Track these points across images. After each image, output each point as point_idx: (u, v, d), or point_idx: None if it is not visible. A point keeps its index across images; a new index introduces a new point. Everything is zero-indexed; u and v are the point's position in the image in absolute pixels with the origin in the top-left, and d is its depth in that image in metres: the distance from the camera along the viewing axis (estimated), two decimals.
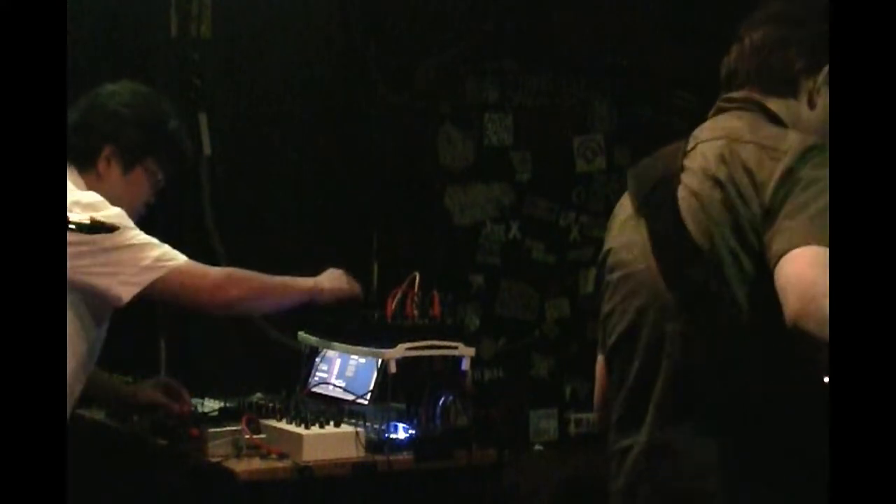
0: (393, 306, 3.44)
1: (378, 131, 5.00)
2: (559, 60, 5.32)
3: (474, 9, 5.16)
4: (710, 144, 2.26)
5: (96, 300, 3.15)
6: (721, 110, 2.35)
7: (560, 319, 5.38)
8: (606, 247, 2.41)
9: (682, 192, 2.23)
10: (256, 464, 3.24)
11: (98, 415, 3.70)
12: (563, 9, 5.28)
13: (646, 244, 2.26)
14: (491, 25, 5.20)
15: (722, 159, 2.20)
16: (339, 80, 4.93)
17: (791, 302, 1.98)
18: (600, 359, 2.45)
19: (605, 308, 2.38)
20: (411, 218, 5.08)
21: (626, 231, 2.34)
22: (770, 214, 2.09)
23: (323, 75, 4.89)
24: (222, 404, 3.63)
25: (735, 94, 2.33)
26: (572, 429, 5.39)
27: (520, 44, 5.25)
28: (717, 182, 2.18)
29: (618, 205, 2.46)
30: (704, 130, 2.34)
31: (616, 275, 2.34)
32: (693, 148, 2.30)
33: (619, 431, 2.31)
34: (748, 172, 2.14)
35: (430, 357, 3.39)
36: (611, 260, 2.37)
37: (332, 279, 3.38)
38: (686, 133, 2.37)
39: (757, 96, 2.30)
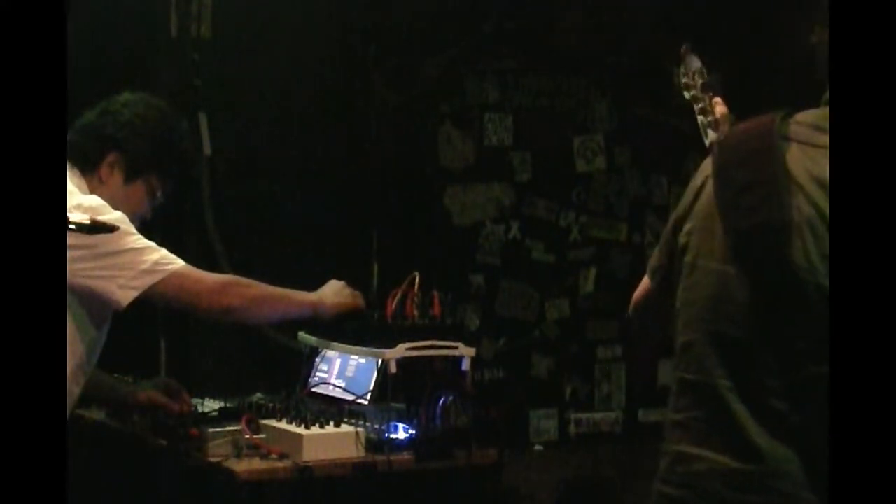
0: (393, 306, 3.44)
1: (378, 131, 5.00)
2: (559, 60, 5.33)
3: (474, 9, 5.17)
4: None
5: (95, 303, 3.15)
6: None
7: (560, 319, 5.38)
8: (684, 210, 2.15)
9: (803, 206, 1.96)
10: (256, 464, 3.24)
11: (98, 415, 3.70)
12: (563, 9, 5.29)
13: (725, 248, 2.03)
14: (491, 25, 5.20)
15: None
16: (339, 80, 4.93)
17: None
18: (646, 279, 2.27)
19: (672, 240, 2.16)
20: (411, 218, 5.08)
21: (708, 217, 2.08)
22: None
23: (323, 75, 4.90)
24: (222, 404, 3.62)
25: None
26: (572, 429, 5.40)
27: (520, 44, 5.26)
28: None
29: (700, 171, 2.16)
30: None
31: (689, 257, 2.12)
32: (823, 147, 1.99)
33: (685, 435, 2.09)
34: None
35: (430, 357, 3.39)
36: (686, 231, 2.13)
37: (334, 293, 3.38)
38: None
39: None
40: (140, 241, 3.16)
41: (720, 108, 2.69)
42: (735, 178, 2.04)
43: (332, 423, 3.35)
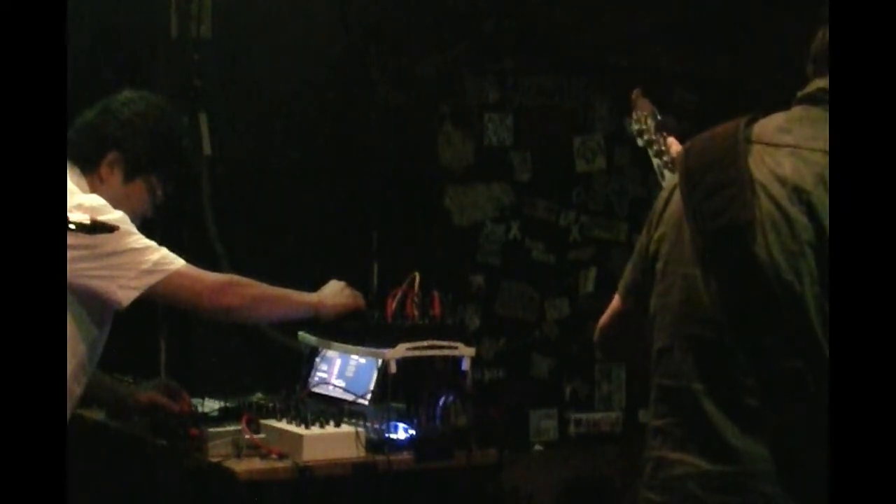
0: (393, 306, 3.44)
1: (378, 131, 5.00)
2: (559, 60, 5.33)
3: (474, 9, 5.17)
4: (808, 155, 1.99)
5: (96, 303, 3.15)
6: (814, 101, 2.07)
7: (560, 319, 5.38)
8: (655, 224, 2.18)
9: (764, 204, 1.98)
10: (256, 464, 3.24)
11: (98, 415, 3.70)
12: (563, 9, 5.29)
13: (694, 252, 2.05)
14: (491, 25, 5.20)
15: (821, 180, 1.95)
16: (339, 80, 4.93)
17: None
18: (617, 298, 2.31)
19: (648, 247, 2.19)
20: (411, 218, 5.08)
21: (676, 223, 2.11)
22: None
23: (323, 75, 4.90)
24: (222, 404, 3.63)
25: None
26: (572, 429, 5.39)
27: (520, 44, 5.26)
28: (811, 209, 1.95)
29: (667, 185, 2.22)
30: (797, 125, 2.05)
31: (660, 264, 2.15)
32: (793, 148, 2.01)
33: (665, 441, 2.09)
34: None
35: (431, 357, 3.39)
36: (656, 239, 2.16)
37: (335, 293, 3.39)
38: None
39: None
40: (140, 240, 3.16)
41: (675, 146, 2.70)
42: (702, 182, 2.06)
43: (332, 423, 3.35)
